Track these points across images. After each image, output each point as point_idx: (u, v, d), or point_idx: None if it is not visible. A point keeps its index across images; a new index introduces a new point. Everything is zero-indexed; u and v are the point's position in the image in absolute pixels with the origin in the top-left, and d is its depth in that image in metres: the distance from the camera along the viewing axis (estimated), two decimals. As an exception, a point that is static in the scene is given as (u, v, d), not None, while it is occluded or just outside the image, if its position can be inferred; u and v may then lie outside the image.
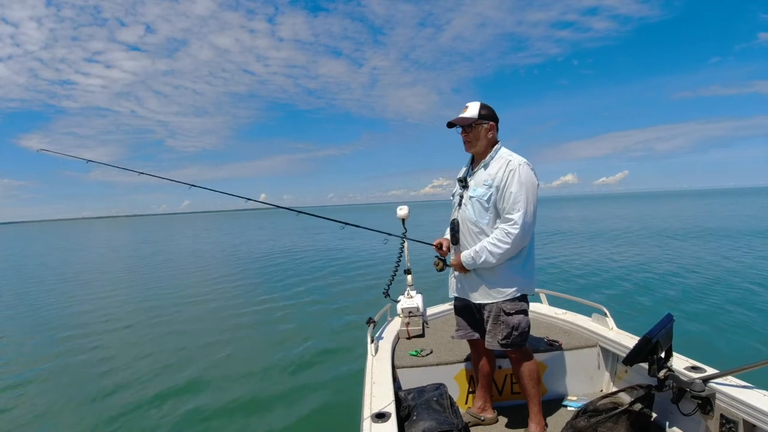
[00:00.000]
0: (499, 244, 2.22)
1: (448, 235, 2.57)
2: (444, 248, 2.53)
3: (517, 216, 2.20)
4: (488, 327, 2.38)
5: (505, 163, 2.29)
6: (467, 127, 2.35)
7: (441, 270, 2.55)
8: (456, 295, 2.56)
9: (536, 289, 2.98)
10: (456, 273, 2.51)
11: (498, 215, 2.30)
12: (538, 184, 2.29)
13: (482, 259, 2.27)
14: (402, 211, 3.37)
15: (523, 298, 2.39)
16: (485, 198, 2.30)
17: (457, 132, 2.41)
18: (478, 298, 2.40)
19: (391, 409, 1.95)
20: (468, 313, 2.53)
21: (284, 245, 22.88)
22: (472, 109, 2.35)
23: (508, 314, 2.32)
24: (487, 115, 2.35)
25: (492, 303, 2.35)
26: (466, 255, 2.34)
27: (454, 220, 2.47)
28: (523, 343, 2.38)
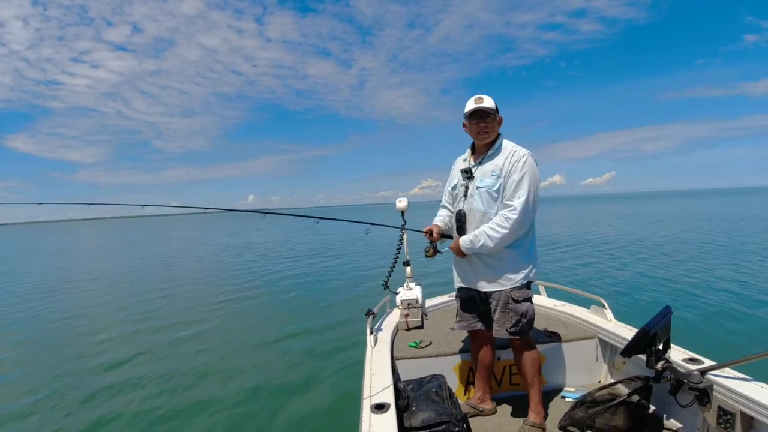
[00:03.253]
0: (498, 228, 2.25)
1: (438, 222, 2.61)
2: (435, 235, 2.55)
3: (517, 202, 2.24)
4: (496, 316, 2.40)
5: (511, 153, 2.33)
6: (487, 117, 2.36)
7: (431, 256, 2.58)
8: (461, 285, 2.57)
9: (536, 280, 2.99)
10: (461, 263, 2.52)
11: None
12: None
13: (480, 243, 2.29)
14: (401, 203, 3.36)
15: (529, 286, 2.43)
16: (494, 188, 2.32)
17: (467, 122, 2.42)
18: (486, 286, 2.42)
19: (391, 400, 1.96)
20: (472, 303, 2.54)
21: (283, 243, 22.92)
22: (489, 101, 2.36)
23: (517, 301, 2.35)
24: (498, 108, 2.40)
25: (500, 291, 2.37)
26: (465, 239, 2.37)
27: (459, 211, 2.46)
28: (530, 331, 2.42)
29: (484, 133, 2.39)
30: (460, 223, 2.45)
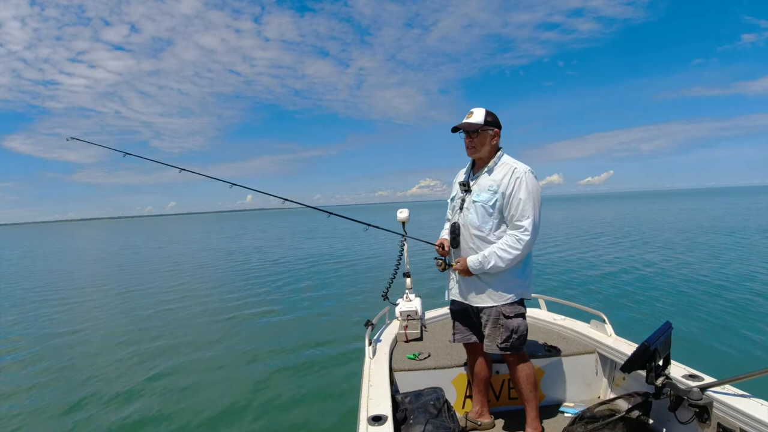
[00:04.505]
0: (510, 250, 2.25)
1: (446, 235, 2.59)
2: (445, 249, 2.53)
3: (527, 223, 2.24)
4: (487, 331, 2.39)
5: (511, 171, 2.31)
6: (472, 132, 2.36)
7: (444, 270, 2.56)
8: (454, 298, 2.56)
9: (535, 295, 2.99)
10: (455, 276, 2.51)
11: (502, 221, 2.32)
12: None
13: (491, 265, 2.27)
14: (402, 214, 3.37)
15: (522, 302, 2.41)
16: (490, 203, 2.31)
17: (460, 137, 2.43)
18: (477, 301, 2.40)
19: (388, 412, 1.94)
20: (465, 316, 2.54)
21: (282, 248, 22.88)
22: (478, 115, 2.36)
23: (508, 317, 2.33)
24: (493, 122, 2.37)
25: (491, 306, 2.36)
26: (473, 260, 2.33)
27: (454, 223, 2.46)
28: (522, 347, 2.39)
29: (470, 148, 2.40)
30: (454, 235, 2.45)
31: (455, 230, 2.45)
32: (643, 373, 2.17)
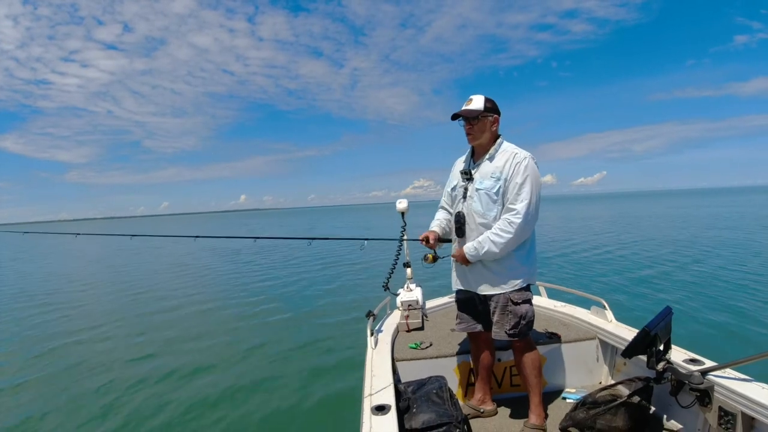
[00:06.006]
0: (502, 234, 2.24)
1: (434, 227, 2.61)
2: (431, 241, 2.55)
3: (520, 206, 2.23)
4: (495, 318, 2.40)
5: (512, 156, 2.31)
6: (473, 119, 2.35)
7: (432, 262, 2.59)
8: (460, 287, 2.57)
9: (536, 282, 2.99)
10: (460, 266, 2.51)
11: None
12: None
13: (485, 250, 2.28)
14: (401, 204, 3.37)
15: (528, 288, 2.43)
16: (494, 190, 2.31)
17: (459, 124, 2.42)
18: (484, 289, 2.41)
19: (391, 401, 1.95)
20: (471, 305, 2.55)
21: (282, 243, 22.87)
22: (477, 102, 2.35)
23: (516, 304, 2.35)
24: (492, 108, 2.36)
25: (499, 294, 2.37)
26: (469, 247, 2.34)
27: (459, 212, 2.45)
28: (529, 333, 2.42)
29: (470, 135, 2.39)
30: (459, 224, 2.44)
31: (460, 219, 2.44)
32: (644, 358, 2.18)
